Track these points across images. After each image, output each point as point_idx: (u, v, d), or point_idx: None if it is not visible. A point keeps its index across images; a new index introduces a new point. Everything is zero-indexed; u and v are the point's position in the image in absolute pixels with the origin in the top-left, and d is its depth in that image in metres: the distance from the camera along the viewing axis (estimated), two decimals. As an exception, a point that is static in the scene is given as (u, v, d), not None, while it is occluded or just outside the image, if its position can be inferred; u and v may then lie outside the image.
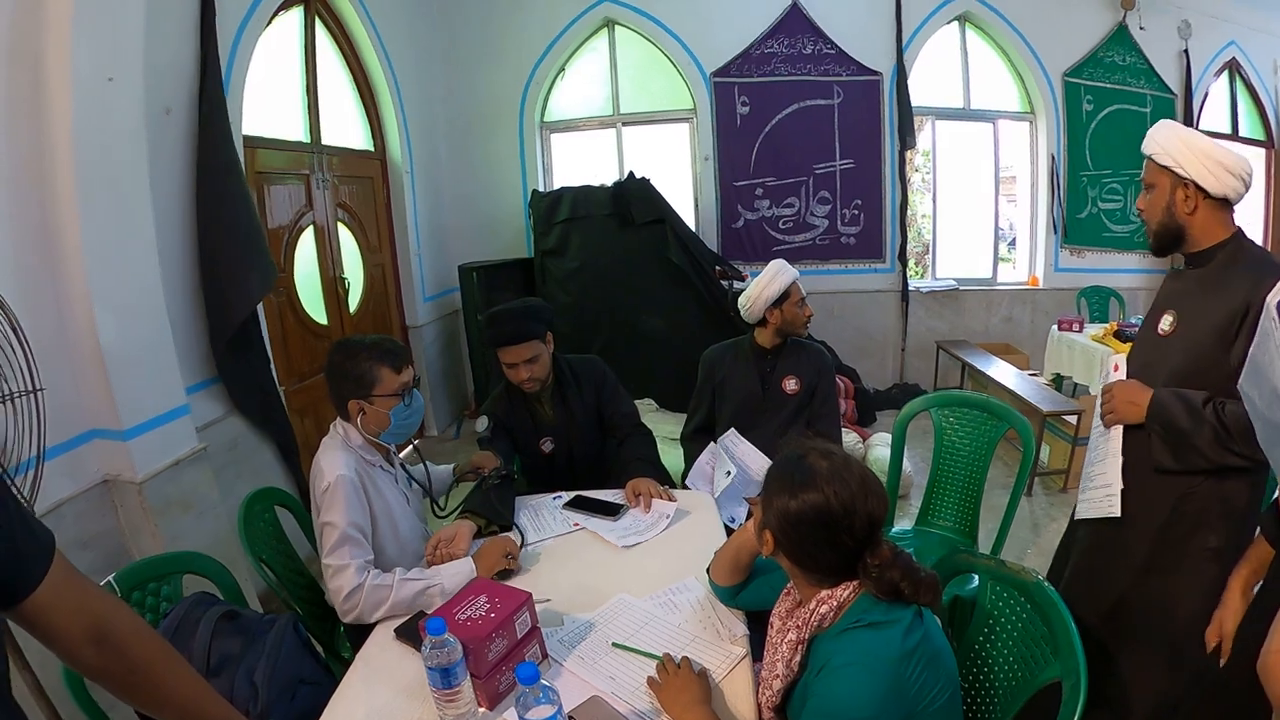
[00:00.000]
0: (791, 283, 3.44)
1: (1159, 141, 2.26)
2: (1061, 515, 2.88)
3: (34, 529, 1.24)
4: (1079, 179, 7.46)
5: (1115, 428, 2.37)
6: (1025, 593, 1.93)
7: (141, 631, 1.39)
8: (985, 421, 3.44)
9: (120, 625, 1.34)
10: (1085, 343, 6.02)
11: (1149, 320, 2.46)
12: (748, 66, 7.29)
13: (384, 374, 2.57)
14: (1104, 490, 2.38)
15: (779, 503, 1.67)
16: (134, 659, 1.35)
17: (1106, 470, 2.39)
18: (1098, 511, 2.40)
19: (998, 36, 7.32)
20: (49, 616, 1.24)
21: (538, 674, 1.56)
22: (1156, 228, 2.32)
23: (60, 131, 3.10)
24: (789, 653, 1.72)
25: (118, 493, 3.46)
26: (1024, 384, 5.75)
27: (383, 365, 2.57)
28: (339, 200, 5.82)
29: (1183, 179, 2.21)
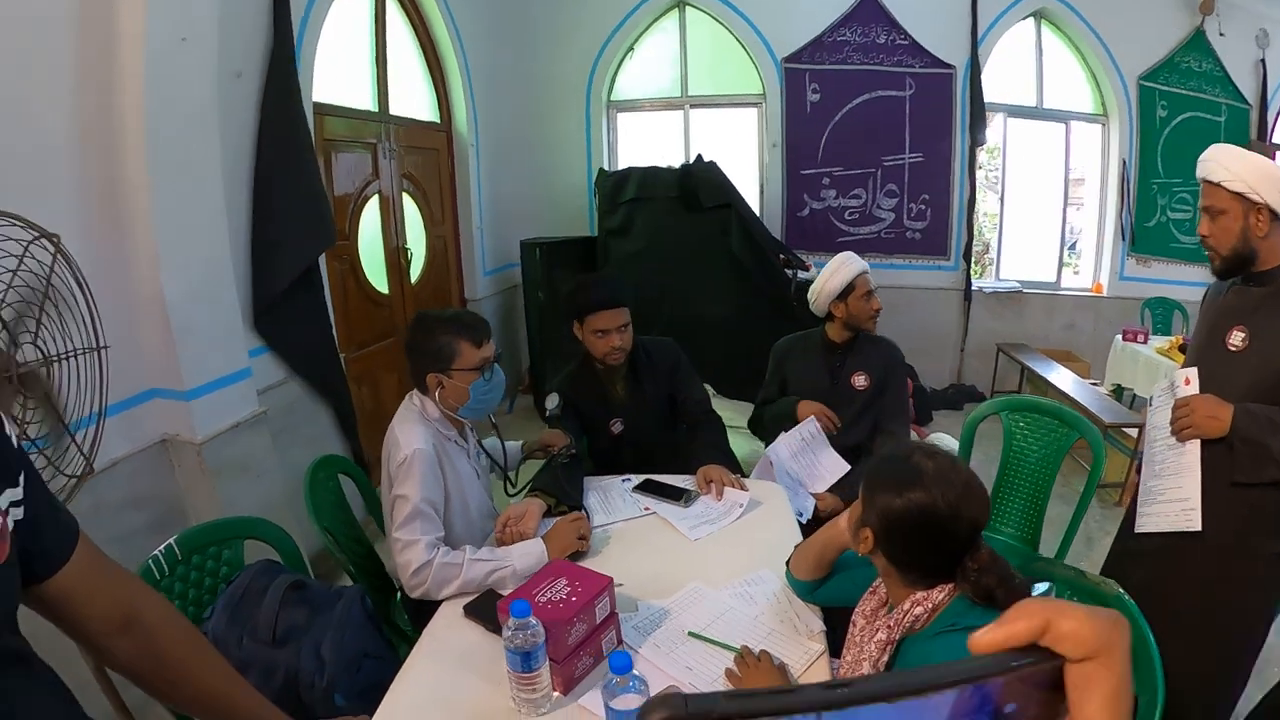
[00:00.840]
0: (857, 275, 3.38)
1: (1227, 167, 2.25)
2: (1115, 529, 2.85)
3: (57, 508, 1.19)
4: (1149, 186, 7.26)
5: (1191, 442, 2.33)
6: (1104, 606, 1.86)
7: (172, 619, 1.35)
8: (1056, 429, 3.38)
9: (150, 612, 1.29)
10: (1150, 355, 5.85)
11: (1211, 334, 2.43)
12: (820, 53, 7.18)
13: (464, 348, 2.54)
14: (1180, 504, 2.34)
15: (882, 501, 1.64)
16: (164, 647, 1.30)
17: (1183, 484, 2.34)
18: (1172, 525, 2.35)
19: (1073, 35, 7.14)
20: (75, 602, 1.18)
21: (630, 663, 1.54)
22: (1228, 254, 2.30)
23: (132, 89, 3.11)
24: (877, 652, 1.68)
25: (176, 453, 3.48)
26: (1085, 393, 5.63)
27: (463, 339, 2.54)
28: (404, 171, 5.82)
29: (1255, 204, 2.20)
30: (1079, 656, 0.42)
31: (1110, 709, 0.42)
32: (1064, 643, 0.43)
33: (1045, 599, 0.46)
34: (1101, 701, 0.42)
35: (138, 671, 1.29)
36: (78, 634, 1.22)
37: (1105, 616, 0.44)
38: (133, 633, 1.25)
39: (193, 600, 2.30)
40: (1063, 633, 0.43)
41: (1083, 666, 0.42)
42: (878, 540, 1.68)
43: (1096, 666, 0.42)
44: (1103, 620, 0.43)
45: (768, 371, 3.68)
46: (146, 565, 2.16)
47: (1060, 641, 0.43)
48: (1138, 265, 7.38)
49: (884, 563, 1.71)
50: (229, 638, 2.06)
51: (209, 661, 1.38)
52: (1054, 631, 0.43)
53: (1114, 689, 0.42)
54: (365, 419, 5.08)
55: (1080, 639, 0.42)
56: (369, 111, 5.41)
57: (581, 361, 3.35)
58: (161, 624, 1.30)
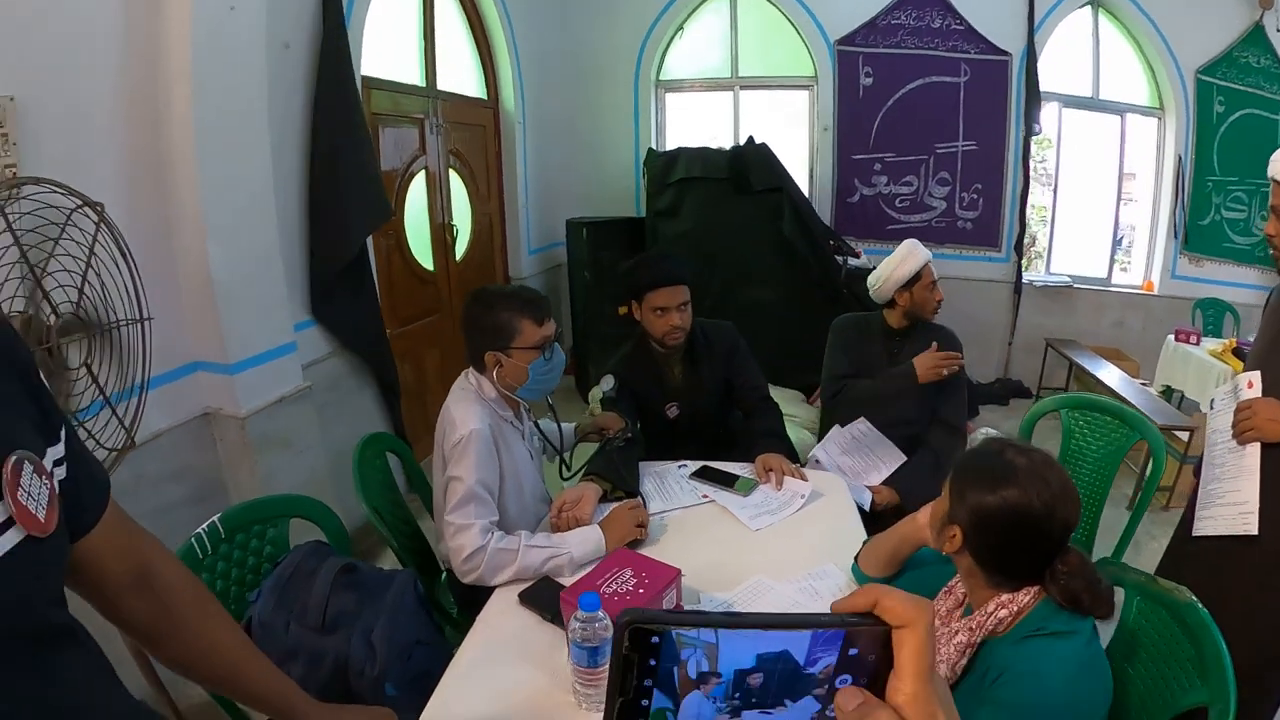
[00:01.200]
0: (924, 265, 3.30)
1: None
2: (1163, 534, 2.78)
3: (93, 468, 1.13)
4: (1204, 183, 7.02)
5: (1252, 445, 2.28)
6: (1175, 613, 1.80)
7: (184, 579, 1.30)
8: (1117, 429, 3.27)
9: (165, 571, 1.26)
10: (1202, 357, 5.67)
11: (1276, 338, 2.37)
12: (874, 36, 7.03)
13: (524, 326, 2.47)
14: (1237, 508, 2.29)
15: (975, 498, 1.57)
16: (175, 608, 1.25)
17: (1241, 488, 2.29)
18: (1229, 528, 2.30)
19: (1131, 25, 6.92)
20: (99, 560, 1.13)
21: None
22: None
23: (179, 58, 3.08)
24: (956, 655, 1.62)
25: (218, 426, 3.47)
26: (1137, 393, 5.46)
27: (524, 317, 2.47)
28: (451, 147, 5.78)
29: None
30: (896, 625, 0.58)
31: (915, 659, 0.57)
32: (887, 614, 0.58)
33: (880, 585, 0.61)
34: (909, 654, 0.58)
35: (147, 632, 1.24)
36: (91, 591, 1.16)
37: (915, 600, 0.59)
38: (145, 591, 1.21)
39: (236, 580, 2.24)
40: (885, 607, 0.59)
41: (900, 631, 0.58)
42: (966, 539, 1.61)
43: (907, 632, 0.58)
44: (913, 602, 0.59)
45: (830, 347, 3.55)
46: (189, 544, 2.10)
47: (885, 613, 0.59)
48: (1190, 264, 7.15)
49: (969, 562, 1.65)
50: (275, 622, 1.99)
51: (220, 625, 1.33)
52: (881, 606, 0.59)
53: (918, 647, 0.57)
54: (408, 396, 5.07)
55: (896, 613, 0.58)
56: (416, 86, 5.37)
57: (637, 343, 3.27)
58: (174, 584, 1.26)
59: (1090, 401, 3.42)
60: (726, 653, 0.56)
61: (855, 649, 0.58)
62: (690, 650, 0.55)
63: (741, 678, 0.57)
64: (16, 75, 2.55)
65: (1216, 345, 5.67)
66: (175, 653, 1.27)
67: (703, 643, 0.55)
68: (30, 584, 0.91)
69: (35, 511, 0.89)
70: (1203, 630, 1.70)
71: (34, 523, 0.89)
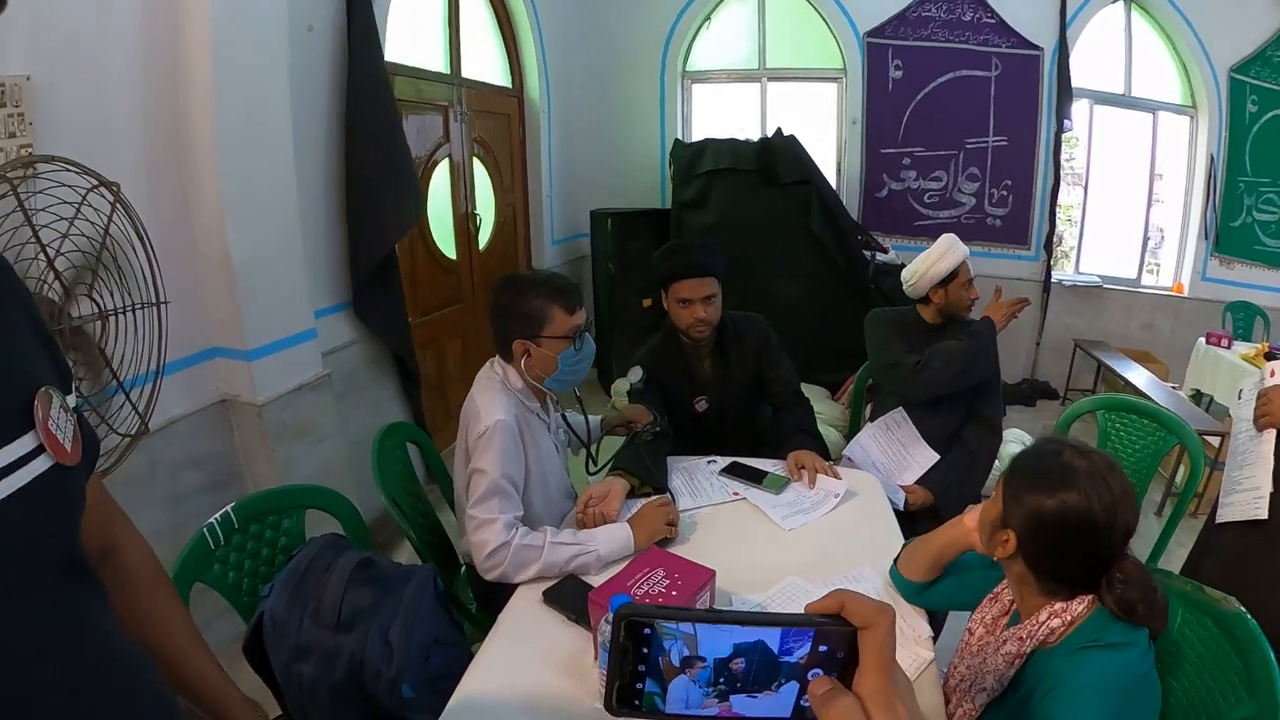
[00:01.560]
0: (961, 262, 3.21)
1: None
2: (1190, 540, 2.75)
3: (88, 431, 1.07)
4: (1236, 184, 6.89)
5: (1269, 431, 2.32)
6: (1223, 624, 1.72)
7: (147, 561, 1.26)
8: (1154, 433, 3.21)
9: (129, 550, 1.22)
10: (1233, 360, 5.54)
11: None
12: (903, 29, 6.94)
13: (555, 314, 2.39)
14: (1252, 494, 2.32)
15: (1032, 501, 1.50)
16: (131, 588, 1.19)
17: (1256, 474, 2.32)
18: (1243, 514, 2.32)
19: (1164, 22, 6.79)
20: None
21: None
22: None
23: (199, 38, 3.04)
24: (1004, 666, 1.55)
25: (235, 413, 3.44)
26: (1167, 397, 5.35)
27: (555, 304, 2.39)
28: (475, 135, 5.73)
29: None
30: (861, 625, 0.65)
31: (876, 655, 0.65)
32: (852, 616, 0.65)
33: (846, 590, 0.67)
34: (871, 651, 0.65)
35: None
36: None
37: (876, 604, 0.65)
38: (105, 567, 1.14)
39: (249, 572, 2.19)
40: (850, 610, 0.65)
41: (863, 632, 0.65)
42: (1020, 544, 1.54)
43: (870, 632, 0.65)
44: (875, 605, 0.65)
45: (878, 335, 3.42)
46: (201, 533, 2.06)
47: (850, 615, 0.65)
48: (1220, 266, 7.02)
49: (1021, 569, 1.57)
50: (289, 619, 1.92)
51: (172, 614, 1.28)
52: (846, 608, 0.65)
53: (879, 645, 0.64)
54: (428, 386, 5.05)
55: (859, 615, 0.65)
56: (441, 73, 5.31)
57: (666, 334, 3.19)
58: (135, 564, 1.23)
59: (1128, 404, 3.35)
60: (705, 643, 0.64)
61: (826, 646, 0.66)
62: (672, 641, 0.64)
63: (723, 664, 0.65)
64: (34, 55, 2.52)
65: (1249, 349, 5.57)
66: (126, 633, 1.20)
67: (682, 634, 0.64)
68: (60, 510, 0.92)
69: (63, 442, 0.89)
70: (1251, 643, 1.64)
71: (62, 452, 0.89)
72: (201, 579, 2.05)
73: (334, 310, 4.11)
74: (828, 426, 4.99)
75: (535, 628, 2.01)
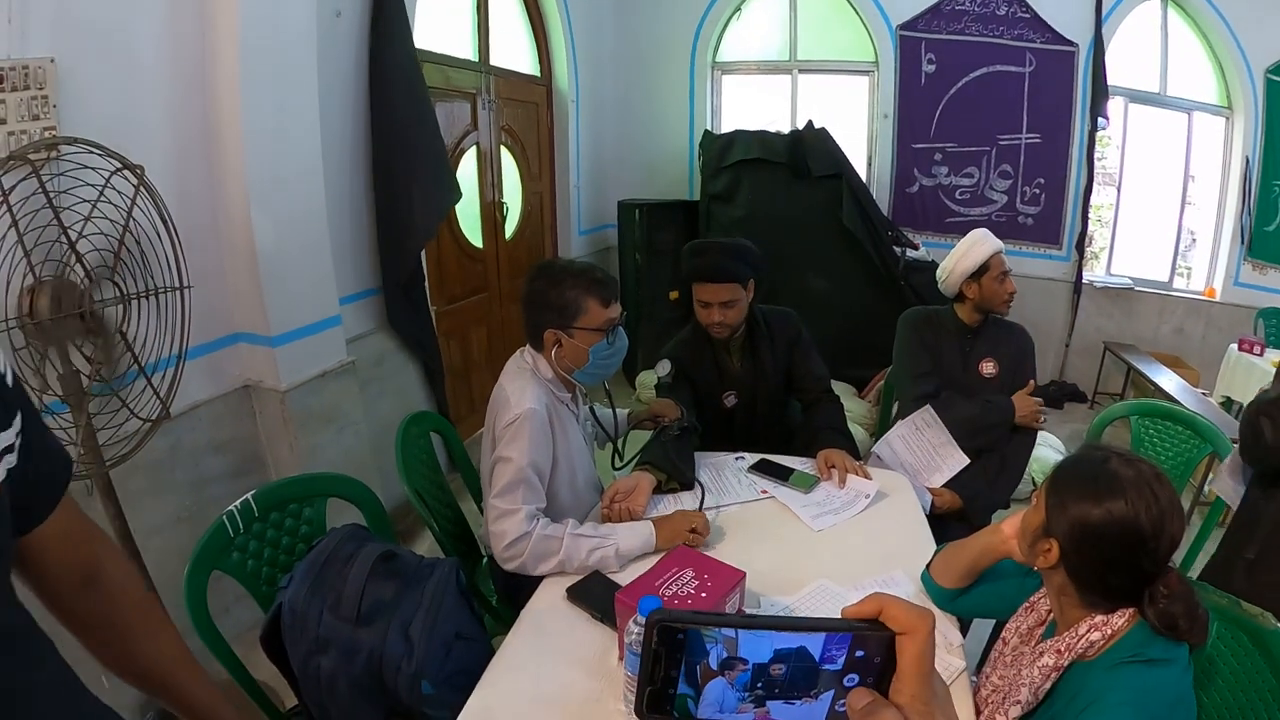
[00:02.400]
0: (992, 254, 3.14)
1: None
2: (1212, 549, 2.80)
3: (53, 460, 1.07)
4: (1271, 188, 6.76)
5: None
6: (1259, 641, 1.69)
7: (135, 583, 1.25)
8: (1188, 440, 3.16)
9: (115, 572, 1.20)
10: (1266, 368, 5.38)
11: None
12: (937, 22, 6.86)
13: (590, 305, 2.36)
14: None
15: (1077, 510, 1.46)
16: (122, 610, 1.20)
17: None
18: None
19: (1201, 20, 6.68)
20: (47, 554, 1.09)
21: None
22: None
23: (227, 26, 3.03)
24: (1040, 678, 1.51)
25: (258, 399, 3.44)
26: (1197, 403, 5.26)
27: (590, 296, 2.36)
28: (503, 124, 5.72)
29: None
30: (900, 631, 0.65)
31: (916, 663, 0.65)
32: (891, 621, 0.65)
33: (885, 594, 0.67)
34: (910, 658, 0.65)
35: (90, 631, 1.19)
36: (36, 585, 1.12)
37: (916, 610, 0.65)
38: (93, 591, 1.16)
39: (268, 561, 2.18)
40: (890, 615, 0.65)
41: (902, 637, 0.65)
42: (1063, 554, 1.49)
43: (909, 638, 0.65)
44: (915, 611, 0.65)
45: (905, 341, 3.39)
46: (220, 521, 2.05)
47: (889, 620, 0.65)
48: (1254, 271, 6.89)
49: (1062, 579, 1.54)
50: (308, 611, 1.89)
51: (164, 632, 1.27)
52: (886, 613, 0.65)
53: (919, 652, 0.65)
54: (453, 374, 5.06)
55: (899, 620, 0.65)
56: (469, 61, 5.30)
57: (695, 327, 3.15)
58: (123, 586, 1.21)
59: (1163, 410, 3.30)
60: (746, 646, 0.64)
61: (862, 651, 0.65)
62: (713, 644, 0.63)
63: (762, 669, 0.65)
64: (58, 37, 2.51)
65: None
66: (115, 654, 1.22)
67: (723, 637, 0.63)
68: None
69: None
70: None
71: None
72: (220, 566, 2.04)
73: (359, 297, 4.09)
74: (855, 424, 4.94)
75: (559, 625, 1.99)
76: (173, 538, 3.05)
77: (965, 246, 3.18)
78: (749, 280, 2.98)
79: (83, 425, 2.38)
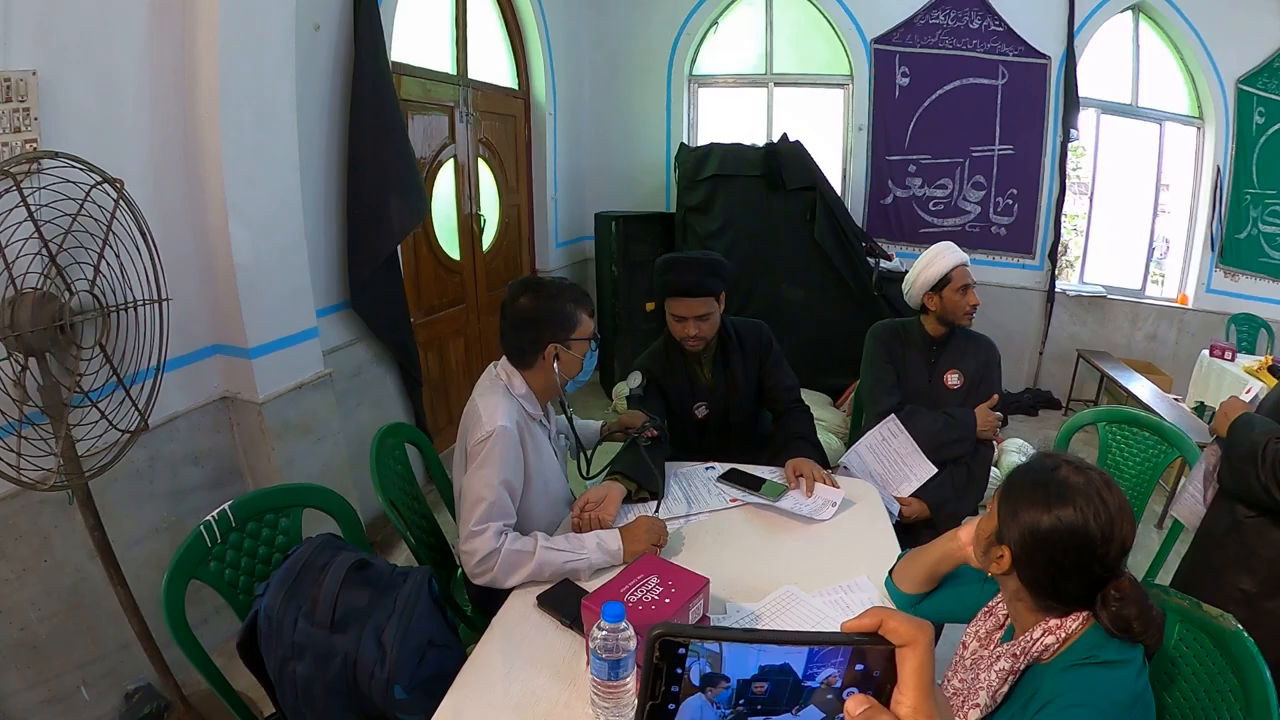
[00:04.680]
0: (954, 267, 3.17)
1: None
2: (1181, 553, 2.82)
3: None
4: (1242, 196, 6.85)
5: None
6: (1220, 642, 1.70)
7: None
8: (1154, 446, 3.19)
9: None
10: (1237, 373, 5.49)
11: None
12: (910, 36, 6.93)
13: (583, 317, 2.46)
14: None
15: (1028, 517, 1.48)
16: None
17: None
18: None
19: (1172, 32, 6.76)
20: None
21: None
22: None
23: (206, 38, 3.06)
24: (997, 682, 1.52)
25: (236, 411, 3.45)
26: (1170, 409, 5.31)
27: (580, 308, 2.47)
28: (480, 136, 5.74)
29: None
30: (899, 644, 0.64)
31: (916, 675, 0.63)
32: (891, 634, 0.64)
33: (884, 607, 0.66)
34: (910, 670, 0.63)
35: None
36: None
37: (916, 623, 0.64)
38: None
39: (245, 570, 2.21)
40: (889, 628, 0.64)
41: (902, 650, 0.64)
42: (1015, 561, 1.52)
43: (909, 650, 0.64)
44: (914, 623, 0.64)
45: (871, 354, 3.43)
46: (198, 530, 2.07)
47: (889, 633, 0.64)
48: (1225, 278, 7.00)
49: (1016, 585, 1.55)
50: (284, 618, 1.92)
51: None
52: (885, 626, 0.64)
53: (918, 664, 0.63)
54: (430, 386, 5.09)
55: (899, 633, 0.64)
56: (447, 74, 5.33)
57: (667, 339, 3.18)
58: None
59: (1130, 416, 3.33)
60: (730, 661, 0.62)
61: (863, 665, 0.65)
62: (694, 659, 0.62)
63: (745, 685, 0.64)
64: (40, 50, 2.54)
65: (1252, 362, 5.54)
66: None
67: (707, 651, 0.62)
68: None
69: None
70: (1248, 661, 1.62)
71: None
72: (198, 576, 2.06)
73: (337, 309, 4.11)
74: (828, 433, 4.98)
75: (529, 631, 2.01)
76: (151, 548, 3.07)
77: (927, 259, 3.22)
78: (721, 292, 3.02)
79: (62, 436, 2.39)
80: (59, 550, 2.76)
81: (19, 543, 2.64)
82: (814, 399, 5.23)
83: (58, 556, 2.76)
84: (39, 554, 2.71)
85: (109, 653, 2.94)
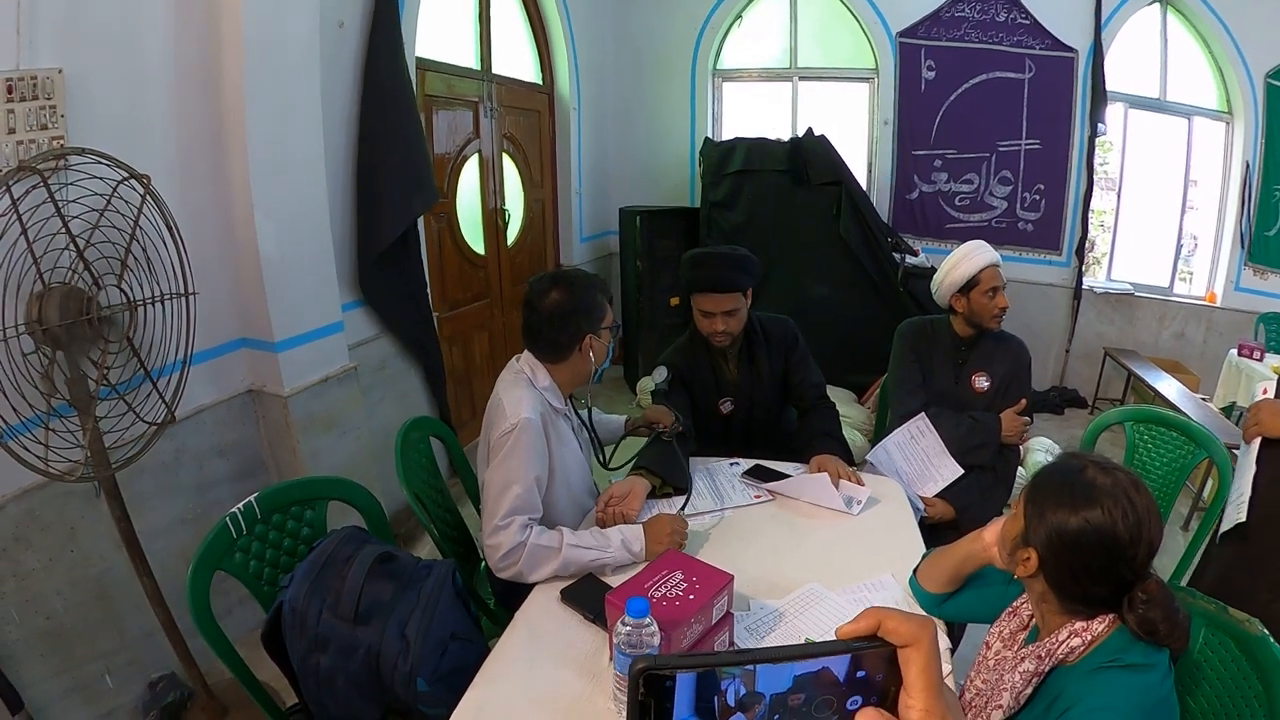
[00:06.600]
0: (983, 268, 3.07)
1: None
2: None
3: None
4: (1271, 192, 6.73)
5: (1255, 440, 2.38)
6: (1245, 647, 1.67)
7: None
8: (1183, 446, 3.12)
9: None
10: (1266, 373, 5.32)
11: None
12: (936, 29, 6.87)
13: (607, 306, 2.50)
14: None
15: (1055, 519, 1.46)
16: None
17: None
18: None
19: (1200, 25, 6.66)
20: None
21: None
22: None
23: (232, 35, 3.07)
24: (1021, 683, 1.51)
25: (261, 404, 3.48)
26: (1197, 408, 5.24)
27: (605, 298, 2.50)
28: (505, 131, 5.76)
29: None
30: (901, 644, 0.63)
31: (923, 676, 0.62)
32: (891, 635, 0.63)
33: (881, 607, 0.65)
34: (917, 671, 0.62)
35: None
36: None
37: (917, 620, 0.63)
38: None
39: (270, 562, 2.22)
40: (889, 629, 0.63)
41: (904, 650, 0.63)
42: (1041, 563, 1.50)
43: (912, 650, 0.62)
44: (915, 622, 0.63)
45: (898, 353, 3.39)
46: (223, 522, 2.09)
47: (889, 635, 0.63)
48: (1254, 276, 6.87)
49: (1043, 587, 1.54)
50: (308, 610, 1.93)
51: None
52: (884, 628, 0.63)
53: (924, 664, 0.62)
54: (454, 379, 5.09)
55: (900, 634, 0.63)
56: (471, 69, 5.34)
57: (693, 334, 3.18)
58: None
59: (1158, 415, 3.26)
60: (764, 679, 0.61)
61: (863, 671, 0.63)
62: (729, 680, 0.60)
63: (780, 700, 0.62)
64: (66, 47, 2.56)
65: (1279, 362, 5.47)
66: None
67: (742, 672, 0.60)
68: None
69: None
70: (1273, 666, 1.60)
71: None
72: (223, 567, 2.08)
73: (362, 303, 4.13)
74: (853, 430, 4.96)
75: (552, 626, 2.01)
76: (177, 539, 3.09)
77: (956, 258, 3.14)
78: (748, 288, 3.01)
79: (89, 429, 2.41)
80: (85, 541, 2.79)
81: (45, 533, 2.66)
82: (839, 395, 5.20)
83: (84, 547, 2.79)
84: (65, 544, 2.73)
85: (133, 642, 2.97)
